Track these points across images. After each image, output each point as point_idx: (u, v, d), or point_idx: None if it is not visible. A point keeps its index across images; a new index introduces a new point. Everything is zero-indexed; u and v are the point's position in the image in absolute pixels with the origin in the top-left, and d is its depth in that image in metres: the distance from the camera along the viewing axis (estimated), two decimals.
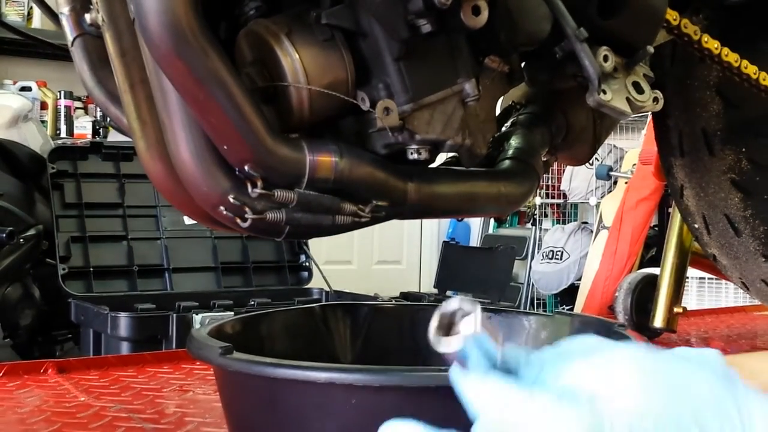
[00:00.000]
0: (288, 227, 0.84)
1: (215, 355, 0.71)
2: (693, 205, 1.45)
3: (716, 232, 1.44)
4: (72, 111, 3.72)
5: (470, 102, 0.88)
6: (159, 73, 0.79)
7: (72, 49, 1.02)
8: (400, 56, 0.82)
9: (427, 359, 1.01)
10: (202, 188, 0.82)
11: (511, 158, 1.02)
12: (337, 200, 0.84)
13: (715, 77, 1.37)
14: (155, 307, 1.97)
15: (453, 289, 3.57)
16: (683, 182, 1.43)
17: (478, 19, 0.82)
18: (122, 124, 0.96)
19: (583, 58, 0.88)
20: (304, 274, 2.52)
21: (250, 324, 0.94)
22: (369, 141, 0.86)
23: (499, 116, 1.13)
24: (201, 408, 1.14)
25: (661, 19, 1.02)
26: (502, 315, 0.98)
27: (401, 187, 0.87)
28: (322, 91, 0.81)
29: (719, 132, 1.39)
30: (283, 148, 0.80)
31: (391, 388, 0.64)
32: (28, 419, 1.06)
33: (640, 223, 3.50)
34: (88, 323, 1.98)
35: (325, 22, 0.82)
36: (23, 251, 2.08)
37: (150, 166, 0.89)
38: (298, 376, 0.65)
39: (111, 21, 0.87)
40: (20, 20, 3.62)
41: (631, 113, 0.94)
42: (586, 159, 1.21)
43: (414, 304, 1.39)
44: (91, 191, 2.31)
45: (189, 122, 0.81)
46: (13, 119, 2.49)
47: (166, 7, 0.72)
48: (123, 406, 1.13)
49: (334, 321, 0.99)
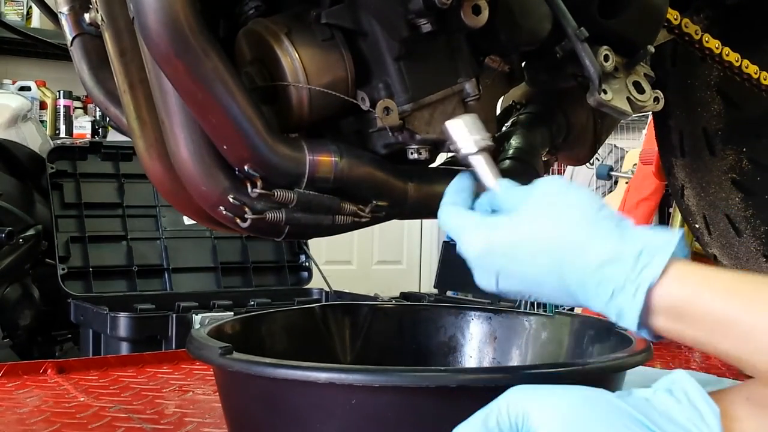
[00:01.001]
0: (288, 227, 0.84)
1: (215, 355, 0.71)
2: (694, 205, 1.44)
3: (717, 232, 1.43)
4: (71, 111, 3.71)
5: (470, 102, 0.88)
6: (158, 73, 0.79)
7: (71, 49, 1.02)
8: (400, 56, 0.82)
9: (427, 359, 1.01)
10: (201, 188, 0.82)
11: (512, 158, 1.02)
12: (337, 200, 0.84)
13: (716, 77, 1.37)
14: (155, 308, 1.96)
15: (453, 290, 3.56)
16: (684, 182, 1.43)
17: (478, 18, 0.82)
18: (122, 123, 0.96)
19: (584, 58, 0.88)
20: (304, 275, 2.51)
21: (250, 324, 0.94)
22: (369, 141, 0.86)
23: (499, 116, 1.12)
24: (201, 408, 1.14)
25: (662, 18, 1.02)
26: (502, 315, 0.98)
27: (401, 187, 0.87)
28: (321, 90, 0.81)
29: (720, 132, 1.38)
30: (282, 147, 0.80)
31: (391, 388, 0.64)
32: (27, 419, 1.06)
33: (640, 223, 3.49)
34: (88, 323, 1.98)
35: (325, 22, 0.82)
36: (22, 251, 2.08)
37: (149, 166, 0.89)
38: (298, 376, 0.65)
39: (110, 20, 0.87)
40: (19, 20, 3.62)
41: (631, 113, 0.94)
42: (587, 159, 1.21)
43: (414, 304, 1.39)
44: (91, 191, 2.31)
45: (188, 122, 0.80)
46: (12, 119, 2.48)
47: (165, 6, 0.72)
48: (122, 406, 1.13)
49: (333, 321, 0.98)
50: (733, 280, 0.56)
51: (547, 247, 0.60)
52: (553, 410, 0.51)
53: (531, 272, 0.61)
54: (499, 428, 0.51)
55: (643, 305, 0.56)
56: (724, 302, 0.55)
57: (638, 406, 0.52)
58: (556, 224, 0.60)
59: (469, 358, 0.98)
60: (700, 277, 0.56)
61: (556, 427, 0.50)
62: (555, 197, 0.62)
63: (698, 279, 0.56)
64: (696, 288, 0.56)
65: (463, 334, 0.99)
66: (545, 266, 0.60)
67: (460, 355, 0.99)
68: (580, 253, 0.59)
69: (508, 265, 0.62)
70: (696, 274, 0.56)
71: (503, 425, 0.51)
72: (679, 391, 0.54)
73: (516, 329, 0.96)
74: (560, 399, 0.52)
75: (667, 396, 0.53)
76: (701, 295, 0.55)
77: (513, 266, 0.62)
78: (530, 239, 0.61)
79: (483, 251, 0.63)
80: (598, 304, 0.58)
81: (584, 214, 0.60)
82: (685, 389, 0.54)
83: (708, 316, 0.55)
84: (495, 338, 0.97)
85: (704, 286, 0.56)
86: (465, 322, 0.99)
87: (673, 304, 0.56)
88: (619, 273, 0.57)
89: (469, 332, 0.98)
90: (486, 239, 0.63)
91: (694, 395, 0.53)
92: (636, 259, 0.56)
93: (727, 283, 0.56)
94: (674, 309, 0.56)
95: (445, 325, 0.99)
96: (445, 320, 0.99)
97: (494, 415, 0.51)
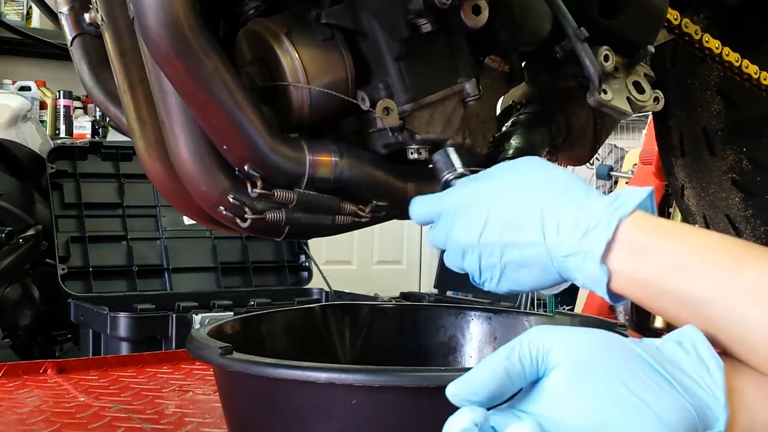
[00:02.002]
0: (288, 227, 0.84)
1: (215, 355, 0.71)
2: (694, 205, 1.44)
3: (717, 232, 1.43)
4: (71, 111, 3.71)
5: (470, 102, 0.88)
6: (158, 73, 0.79)
7: (71, 49, 1.01)
8: (400, 56, 0.82)
9: (427, 359, 1.01)
10: (201, 188, 0.82)
11: (512, 158, 1.02)
12: (337, 200, 0.84)
13: (716, 77, 1.37)
14: (155, 308, 1.96)
15: (453, 289, 3.56)
16: (684, 182, 1.43)
17: (478, 18, 0.82)
18: (122, 123, 0.96)
19: (584, 58, 0.88)
20: (304, 274, 2.51)
21: (250, 324, 0.94)
22: (369, 141, 0.86)
23: (499, 116, 1.12)
24: (201, 408, 1.14)
25: (662, 18, 1.02)
26: (502, 315, 0.98)
27: (401, 187, 0.87)
28: (321, 90, 0.81)
29: (720, 132, 1.38)
30: (282, 147, 0.80)
31: (391, 388, 0.64)
32: (27, 419, 1.06)
33: None
34: (88, 323, 1.98)
35: (325, 22, 0.82)
36: (22, 251, 2.07)
37: (149, 166, 0.89)
38: (298, 376, 0.65)
39: (110, 20, 0.87)
40: (19, 20, 3.61)
41: (631, 113, 0.94)
42: (587, 159, 1.20)
43: (414, 304, 1.39)
44: (91, 191, 2.30)
45: (188, 122, 0.80)
46: (12, 119, 2.48)
47: (165, 7, 0.72)
48: (122, 406, 1.13)
49: (333, 321, 0.98)
50: (693, 230, 0.63)
51: (535, 189, 0.66)
52: (572, 348, 0.53)
53: (514, 215, 0.66)
54: (521, 363, 0.53)
55: (610, 238, 0.60)
56: (685, 238, 0.60)
57: (650, 352, 0.54)
58: (544, 173, 0.68)
59: (469, 358, 0.98)
60: (663, 222, 0.62)
61: (573, 364, 0.52)
62: (540, 161, 0.70)
63: (661, 221, 0.62)
64: (659, 222, 0.61)
65: (463, 334, 0.99)
66: (528, 208, 0.66)
67: (460, 355, 0.99)
68: (564, 198, 0.65)
69: (496, 209, 0.67)
70: (659, 219, 0.62)
71: (524, 360, 0.53)
72: (688, 343, 0.56)
73: (516, 329, 0.96)
74: (579, 339, 0.54)
75: (676, 347, 0.56)
76: (664, 227, 0.61)
77: (501, 209, 0.67)
78: (517, 184, 0.68)
79: (473, 198, 0.69)
80: (569, 244, 0.63)
81: (570, 176, 0.68)
82: (693, 342, 0.56)
83: (668, 249, 0.60)
84: (495, 338, 0.97)
85: (667, 224, 0.62)
86: (465, 322, 0.99)
87: (635, 237, 0.61)
88: (595, 214, 0.62)
89: (469, 332, 0.98)
90: (477, 187, 0.70)
91: (701, 348, 0.55)
92: (611, 203, 0.62)
93: (687, 229, 0.62)
94: (637, 242, 0.61)
95: (445, 325, 0.99)
96: (445, 320, 0.99)
97: (516, 351, 0.53)
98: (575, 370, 0.52)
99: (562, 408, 0.51)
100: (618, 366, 0.53)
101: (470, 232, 0.68)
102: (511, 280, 0.69)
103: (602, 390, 0.52)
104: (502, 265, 0.68)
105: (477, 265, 0.69)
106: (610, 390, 0.52)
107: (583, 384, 0.52)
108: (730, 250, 0.59)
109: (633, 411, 0.51)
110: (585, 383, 0.52)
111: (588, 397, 0.51)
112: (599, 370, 0.52)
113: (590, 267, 0.62)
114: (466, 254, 0.70)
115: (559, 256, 0.64)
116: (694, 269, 0.59)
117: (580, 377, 0.52)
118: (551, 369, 0.53)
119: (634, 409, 0.51)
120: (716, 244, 0.60)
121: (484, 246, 0.68)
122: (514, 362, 0.53)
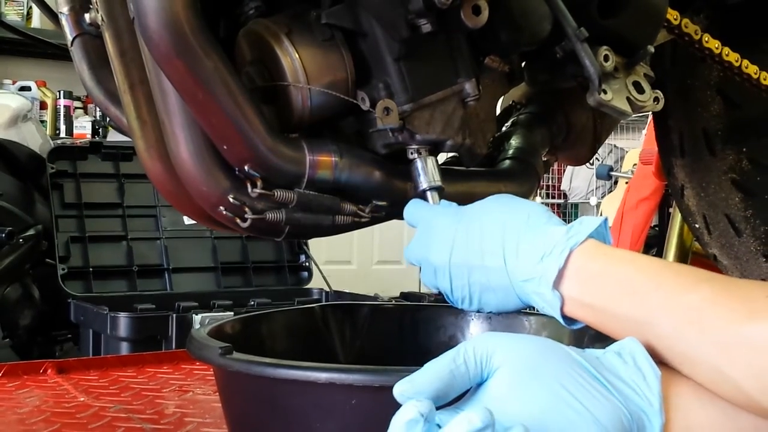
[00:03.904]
0: (288, 227, 0.84)
1: (215, 355, 0.71)
2: (694, 205, 1.44)
3: (717, 232, 1.43)
4: (71, 111, 3.71)
5: (470, 102, 0.88)
6: (158, 73, 0.79)
7: (71, 49, 1.02)
8: (400, 56, 0.82)
9: (427, 359, 1.01)
10: (201, 188, 0.82)
11: (512, 158, 1.02)
12: (337, 200, 0.84)
13: (716, 77, 1.37)
14: (155, 308, 1.96)
15: None
16: (684, 182, 1.43)
17: (478, 18, 0.82)
18: (122, 124, 0.96)
19: (584, 58, 0.88)
20: (304, 274, 2.51)
21: (250, 324, 0.94)
22: (369, 141, 0.86)
23: (499, 116, 1.12)
24: (201, 408, 1.14)
25: (661, 18, 1.02)
26: (502, 315, 0.98)
27: (401, 187, 0.87)
28: (322, 90, 0.81)
29: (720, 132, 1.38)
30: (282, 147, 0.80)
31: (391, 388, 0.64)
32: (27, 419, 1.06)
33: (640, 223, 3.49)
34: (88, 323, 1.98)
35: (325, 22, 0.82)
36: (22, 251, 2.07)
37: (150, 166, 0.89)
38: (298, 376, 0.65)
39: (110, 20, 0.87)
40: (19, 20, 3.62)
41: (631, 113, 0.94)
42: (587, 159, 1.21)
43: (414, 304, 1.39)
44: (91, 191, 2.30)
45: (189, 122, 0.80)
46: (12, 119, 2.48)
47: (166, 7, 0.72)
48: (122, 406, 1.13)
49: (334, 321, 0.98)
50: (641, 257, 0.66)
51: (500, 218, 0.71)
52: (514, 352, 0.56)
53: (479, 240, 0.71)
54: (465, 365, 0.55)
55: (562, 265, 0.64)
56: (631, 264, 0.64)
57: (589, 360, 0.57)
58: (511, 205, 0.72)
59: None
60: (613, 250, 0.65)
61: (515, 366, 0.55)
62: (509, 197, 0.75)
63: (611, 250, 0.65)
64: (609, 251, 0.65)
65: (463, 334, 0.99)
66: (493, 235, 0.70)
67: None
68: (525, 226, 0.69)
69: (465, 234, 0.72)
70: (609, 248, 0.66)
71: (469, 362, 0.55)
72: (627, 354, 0.59)
73: (516, 329, 0.96)
74: (521, 344, 0.57)
75: (616, 357, 0.59)
76: (613, 255, 0.64)
77: (469, 234, 0.72)
78: (487, 211, 0.73)
79: (450, 221, 0.74)
80: (527, 270, 0.67)
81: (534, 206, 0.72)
82: (632, 353, 0.59)
83: (615, 275, 0.63)
84: None
85: (616, 252, 0.65)
86: (465, 322, 0.99)
87: (584, 264, 0.64)
88: (551, 242, 0.66)
89: (469, 332, 0.98)
90: (454, 212, 0.75)
91: (639, 358, 0.58)
92: (567, 231, 0.66)
93: (635, 256, 0.66)
94: (587, 269, 0.64)
95: (445, 325, 0.99)
96: (445, 320, 0.99)
97: (461, 353, 0.56)
98: (517, 373, 0.55)
99: (504, 408, 0.53)
100: (558, 370, 0.55)
101: (441, 253, 0.74)
102: (480, 301, 0.73)
103: (542, 391, 0.54)
104: (469, 286, 0.72)
105: (449, 285, 0.74)
106: (550, 391, 0.54)
107: (524, 385, 0.54)
108: (676, 274, 0.62)
109: (571, 411, 0.54)
110: (526, 385, 0.54)
111: (528, 397, 0.54)
112: (540, 373, 0.55)
113: (545, 292, 0.66)
114: (438, 274, 0.75)
115: (518, 281, 0.68)
116: (637, 293, 0.62)
117: (521, 379, 0.54)
118: (494, 372, 0.55)
119: (572, 410, 0.54)
120: (661, 270, 0.62)
121: (454, 267, 0.73)
122: (459, 364, 0.55)
